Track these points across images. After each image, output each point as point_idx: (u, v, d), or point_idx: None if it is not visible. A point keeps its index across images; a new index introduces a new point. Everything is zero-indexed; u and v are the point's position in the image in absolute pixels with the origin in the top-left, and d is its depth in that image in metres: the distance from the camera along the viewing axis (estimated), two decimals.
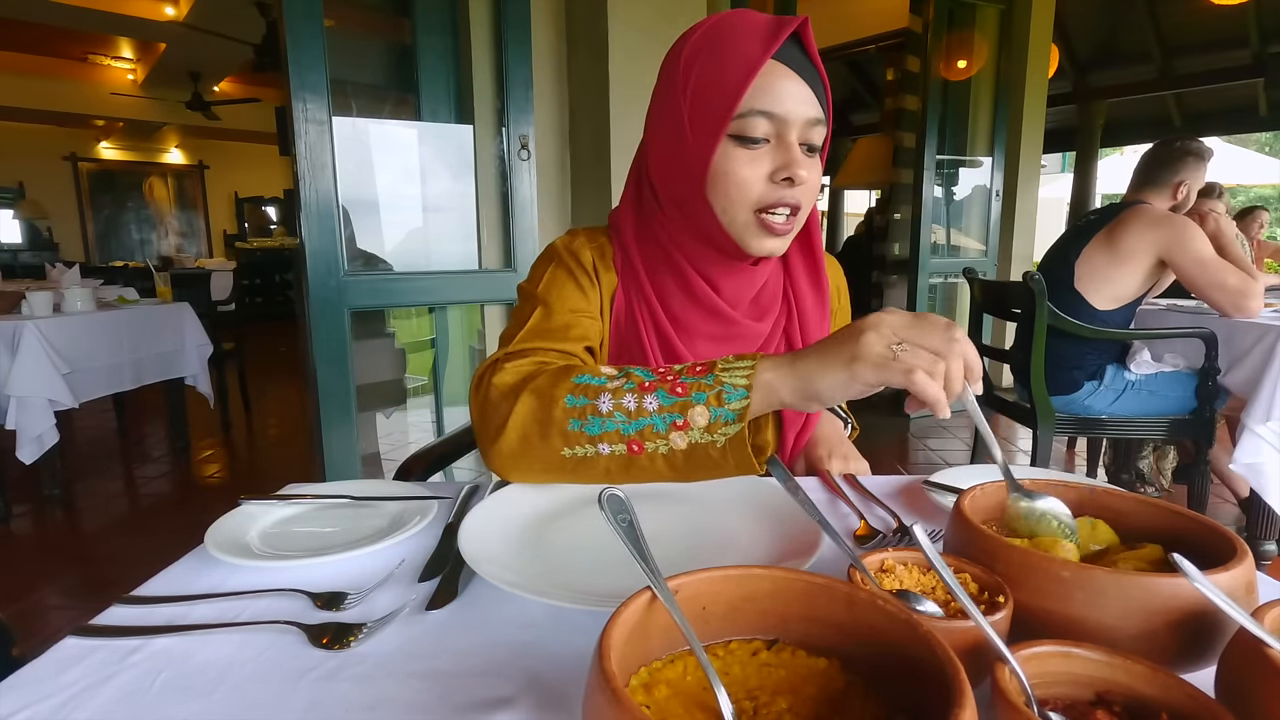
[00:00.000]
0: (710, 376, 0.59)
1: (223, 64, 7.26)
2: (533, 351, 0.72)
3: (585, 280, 0.80)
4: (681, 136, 0.71)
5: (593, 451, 0.61)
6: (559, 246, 0.83)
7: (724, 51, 0.69)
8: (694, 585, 0.36)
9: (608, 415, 0.60)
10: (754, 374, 0.58)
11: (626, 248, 0.82)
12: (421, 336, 2.72)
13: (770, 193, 0.70)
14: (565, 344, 0.74)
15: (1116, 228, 2.03)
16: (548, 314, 0.76)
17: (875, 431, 3.89)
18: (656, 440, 0.59)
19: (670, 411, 0.58)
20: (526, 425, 0.63)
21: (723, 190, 0.70)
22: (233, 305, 4.38)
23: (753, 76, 0.67)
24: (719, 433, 0.57)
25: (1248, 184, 9.46)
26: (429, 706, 0.40)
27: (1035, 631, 0.39)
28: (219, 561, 0.56)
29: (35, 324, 2.50)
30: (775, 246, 0.73)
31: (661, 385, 0.59)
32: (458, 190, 2.44)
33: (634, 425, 0.59)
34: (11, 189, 8.55)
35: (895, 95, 4.46)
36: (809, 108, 0.69)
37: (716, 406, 0.57)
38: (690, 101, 0.70)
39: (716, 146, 0.69)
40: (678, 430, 0.58)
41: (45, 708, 0.40)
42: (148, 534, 2.56)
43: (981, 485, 0.52)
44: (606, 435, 0.60)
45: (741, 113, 0.68)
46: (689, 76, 0.70)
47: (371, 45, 2.55)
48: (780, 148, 0.69)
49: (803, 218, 0.74)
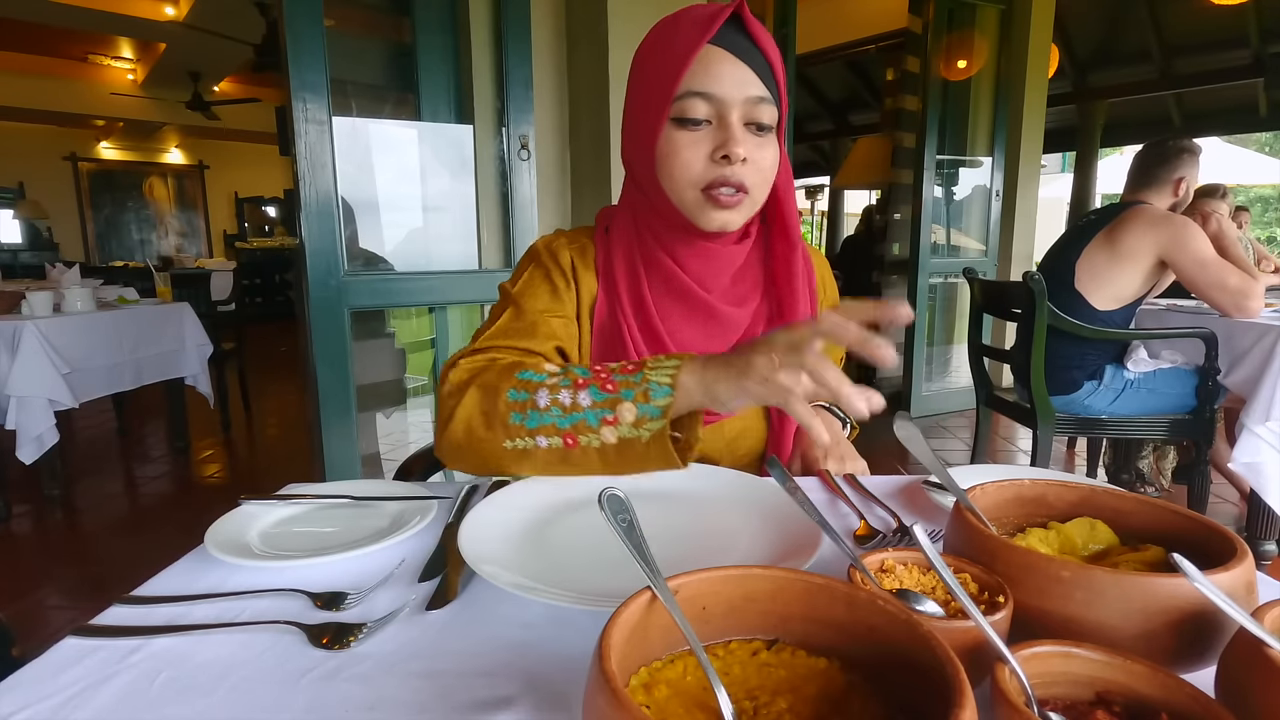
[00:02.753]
0: (639, 375, 0.62)
1: (223, 64, 7.26)
2: (493, 349, 0.75)
3: (561, 281, 0.82)
4: (636, 123, 0.76)
5: (531, 444, 0.64)
6: (539, 247, 0.85)
7: (669, 41, 0.73)
8: (694, 585, 0.36)
9: (545, 410, 0.63)
10: (678, 373, 0.61)
11: (610, 244, 0.84)
12: (421, 336, 2.72)
13: (710, 171, 0.72)
14: (530, 342, 0.76)
15: (1117, 227, 2.03)
16: (517, 314, 0.79)
17: (875, 431, 3.87)
18: (589, 434, 0.62)
19: (602, 407, 0.62)
20: (472, 418, 0.66)
21: (668, 171, 0.73)
22: (233, 305, 4.38)
23: (688, 61, 0.70)
24: (645, 428, 0.61)
25: (1248, 184, 9.47)
26: (429, 706, 0.40)
27: (1035, 631, 0.39)
28: (219, 561, 0.56)
29: (35, 324, 2.50)
30: (726, 219, 0.75)
31: (594, 382, 0.63)
32: (458, 190, 2.44)
33: (569, 419, 0.63)
34: (11, 189, 8.55)
35: (895, 95, 4.46)
36: (749, 87, 0.71)
37: (643, 403, 0.61)
38: (641, 90, 0.75)
39: (661, 129, 0.73)
40: (608, 425, 0.62)
41: (45, 708, 0.40)
42: (148, 534, 2.56)
43: (982, 485, 0.52)
44: (544, 429, 0.63)
45: (679, 95, 0.71)
46: (643, 67, 0.75)
47: (371, 45, 2.55)
48: (720, 128, 0.72)
49: (756, 195, 0.75)
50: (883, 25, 5.26)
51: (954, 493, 0.50)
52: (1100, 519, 0.50)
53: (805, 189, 10.88)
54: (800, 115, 8.05)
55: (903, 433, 0.55)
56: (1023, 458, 3.27)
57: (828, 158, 10.00)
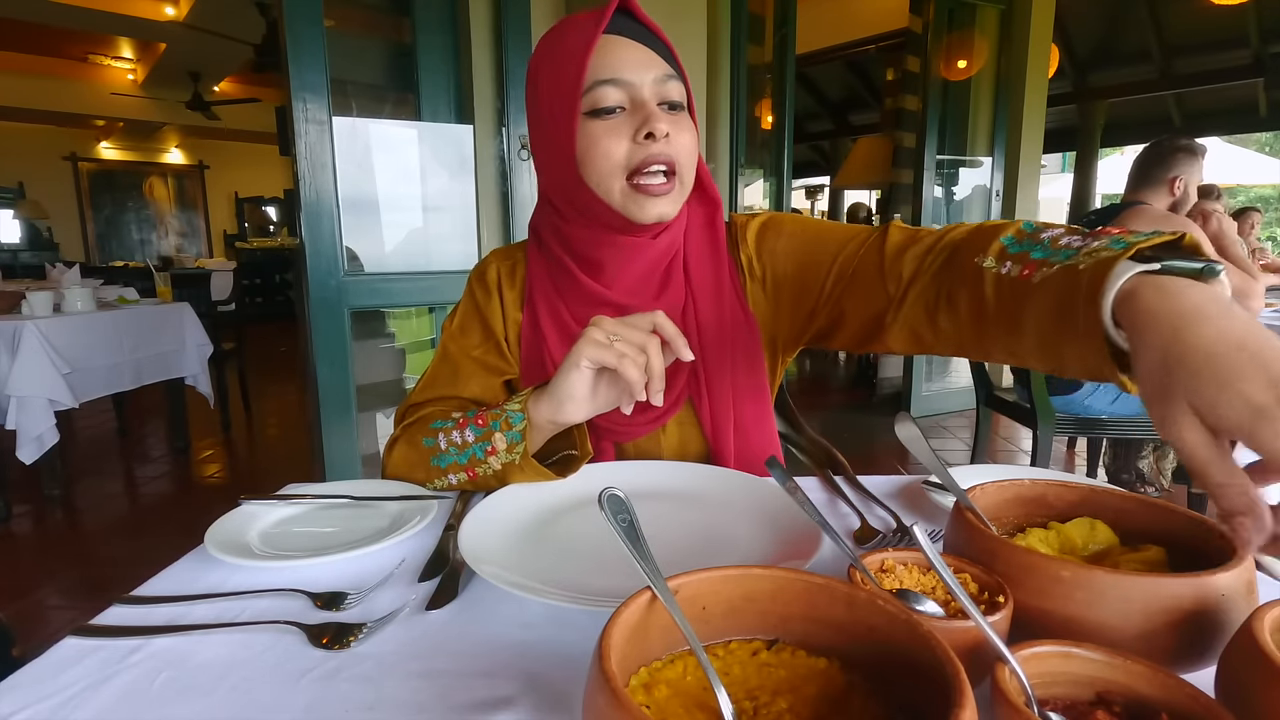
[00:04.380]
0: (500, 408, 0.71)
1: (223, 64, 7.26)
2: (425, 404, 0.83)
3: (486, 302, 0.86)
4: (546, 131, 0.74)
5: (446, 481, 0.73)
6: (472, 273, 0.89)
7: (564, 42, 0.72)
8: (694, 585, 0.36)
9: (445, 451, 0.72)
10: (527, 397, 0.69)
11: (530, 260, 0.85)
12: (421, 336, 2.72)
13: (636, 153, 0.71)
14: (454, 388, 0.84)
15: (1119, 226, 2.04)
16: (444, 359, 0.86)
17: (875, 431, 3.89)
18: (481, 465, 0.71)
19: (481, 441, 0.70)
20: (402, 467, 0.77)
21: (592, 165, 0.71)
22: (233, 305, 4.37)
23: (589, 52, 0.69)
24: (515, 452, 0.68)
25: (1248, 184, 9.47)
26: (429, 706, 0.40)
27: (1035, 631, 0.39)
28: (219, 561, 0.56)
29: (35, 324, 2.50)
30: (662, 209, 0.73)
31: (473, 421, 0.71)
32: (457, 190, 2.44)
33: (464, 455, 0.71)
34: (11, 189, 8.55)
35: (895, 95, 4.46)
36: (654, 67, 0.71)
37: (508, 430, 0.69)
38: (545, 97, 0.73)
39: (576, 127, 0.71)
40: (492, 455, 0.70)
41: (45, 708, 0.40)
42: (148, 534, 2.56)
43: (982, 485, 0.52)
44: (451, 467, 0.72)
45: (588, 88, 0.70)
46: (539, 78, 0.74)
47: (371, 45, 2.55)
48: (635, 110, 0.71)
49: (685, 176, 0.74)
50: (883, 25, 5.25)
51: (954, 493, 0.50)
52: (1100, 519, 0.50)
53: (805, 189, 10.89)
54: (800, 115, 8.03)
55: (904, 433, 0.55)
56: (1023, 458, 3.27)
57: (828, 158, 10.01)
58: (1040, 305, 0.52)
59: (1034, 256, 0.56)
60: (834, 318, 0.79)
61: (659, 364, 0.64)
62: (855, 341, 0.78)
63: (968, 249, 0.64)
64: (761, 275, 0.84)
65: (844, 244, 0.77)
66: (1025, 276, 0.55)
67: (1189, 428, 0.37)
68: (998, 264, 0.59)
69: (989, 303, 0.59)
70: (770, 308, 0.84)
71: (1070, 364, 0.51)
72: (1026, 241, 0.58)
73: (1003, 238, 0.61)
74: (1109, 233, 0.53)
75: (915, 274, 0.69)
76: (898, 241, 0.73)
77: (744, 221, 0.86)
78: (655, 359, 0.64)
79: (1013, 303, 0.56)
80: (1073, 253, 0.52)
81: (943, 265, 0.67)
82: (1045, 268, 0.53)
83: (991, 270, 0.59)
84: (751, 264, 0.84)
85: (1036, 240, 0.57)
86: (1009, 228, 0.62)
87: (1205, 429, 0.37)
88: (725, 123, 3.17)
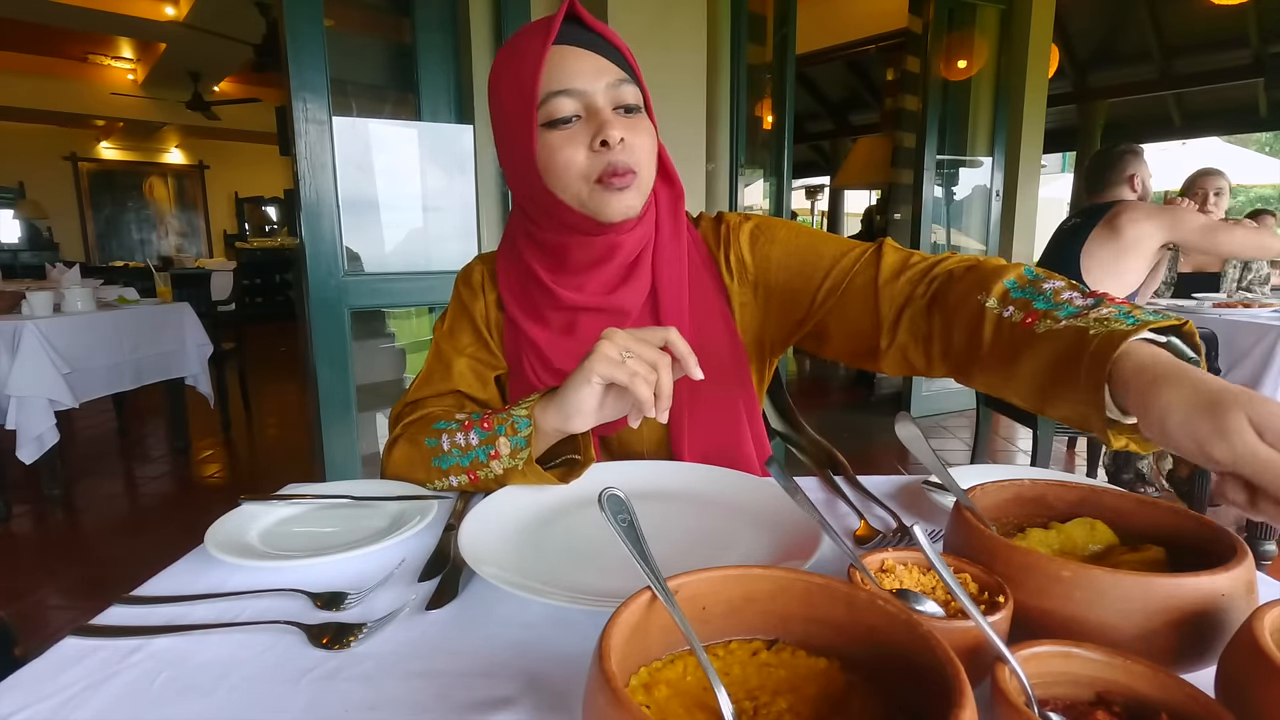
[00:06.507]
0: (506, 413, 0.71)
1: (223, 64, 7.25)
2: (422, 403, 0.84)
3: (473, 302, 0.88)
4: (509, 143, 0.76)
5: (447, 483, 0.74)
6: (459, 276, 0.92)
7: (516, 56, 0.73)
8: (694, 585, 0.36)
9: (448, 452, 0.73)
10: (534, 404, 0.69)
11: (500, 262, 0.88)
12: (421, 336, 2.72)
13: (594, 162, 0.72)
14: (447, 385, 0.85)
15: (1115, 220, 2.11)
16: (438, 358, 0.87)
17: (875, 431, 3.89)
18: (483, 468, 0.71)
19: (485, 445, 0.70)
20: (403, 466, 0.78)
21: (555, 174, 0.73)
22: (233, 305, 4.37)
23: (540, 65, 0.70)
24: (519, 457, 0.68)
25: (1248, 184, 9.46)
26: (429, 706, 0.40)
27: (1035, 631, 0.39)
28: (219, 561, 0.56)
29: (35, 324, 2.50)
30: (628, 204, 0.74)
31: (478, 424, 0.72)
32: (457, 190, 2.43)
33: (467, 458, 0.71)
34: (11, 189, 8.55)
35: (895, 95, 4.46)
36: (605, 74, 0.72)
37: (513, 436, 0.69)
38: (504, 109, 0.75)
39: (534, 139, 0.72)
40: (495, 459, 0.70)
41: (45, 708, 0.40)
42: (148, 534, 2.56)
43: (981, 485, 0.52)
44: (453, 469, 0.73)
45: (542, 100, 0.71)
46: (500, 89, 0.75)
47: (371, 45, 2.55)
48: (590, 119, 0.72)
49: (644, 175, 0.75)
50: (883, 25, 5.25)
51: (954, 493, 0.50)
52: (1100, 519, 0.50)
53: (805, 189, 10.89)
54: (800, 115, 8.03)
55: (904, 433, 0.55)
56: (1023, 458, 3.27)
57: (828, 158, 10.00)
58: (1042, 353, 0.57)
59: (1036, 305, 0.60)
60: (822, 329, 0.81)
61: (669, 383, 0.64)
62: (845, 355, 0.81)
63: (968, 285, 0.67)
64: (754, 280, 0.86)
65: (837, 259, 0.79)
66: (1027, 324, 0.59)
67: (1255, 436, 0.40)
68: (1000, 306, 0.63)
69: (985, 340, 0.63)
70: (759, 311, 0.86)
71: (1057, 409, 0.56)
72: (1029, 289, 0.63)
73: (1005, 280, 0.64)
74: (1114, 301, 0.57)
75: (908, 299, 0.73)
76: (892, 264, 0.75)
77: (737, 221, 0.87)
78: (665, 378, 0.64)
79: (1010, 345, 0.61)
80: (1075, 310, 0.57)
81: (938, 295, 0.70)
82: (1049, 320, 0.58)
83: (994, 311, 0.63)
84: (743, 265, 0.86)
85: (1039, 290, 0.62)
86: (1010, 270, 0.66)
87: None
88: (725, 123, 3.17)
